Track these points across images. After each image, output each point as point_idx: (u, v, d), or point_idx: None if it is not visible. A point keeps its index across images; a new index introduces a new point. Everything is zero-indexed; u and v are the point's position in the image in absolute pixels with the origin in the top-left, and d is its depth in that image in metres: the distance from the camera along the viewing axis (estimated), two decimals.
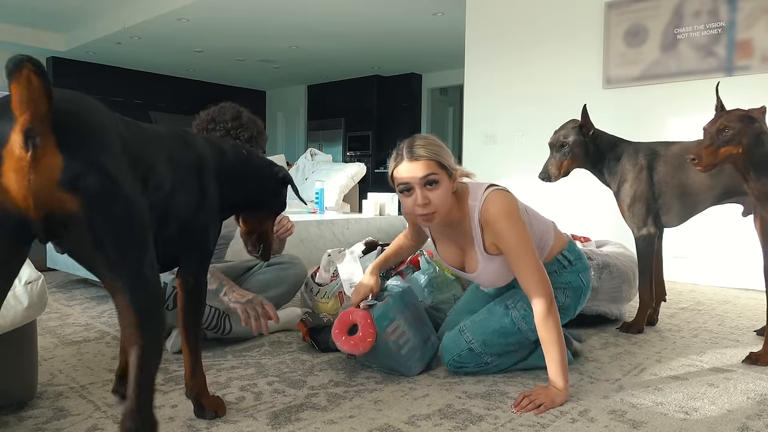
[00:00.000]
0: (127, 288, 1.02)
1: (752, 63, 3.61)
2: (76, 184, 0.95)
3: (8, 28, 8.53)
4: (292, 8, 6.80)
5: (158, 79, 10.90)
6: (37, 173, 0.92)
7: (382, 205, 4.22)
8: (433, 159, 1.61)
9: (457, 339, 1.83)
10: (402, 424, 1.46)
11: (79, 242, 0.99)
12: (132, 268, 1.03)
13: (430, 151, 1.61)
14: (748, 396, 1.70)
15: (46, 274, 3.44)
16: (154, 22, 7.51)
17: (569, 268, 1.87)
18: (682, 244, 3.83)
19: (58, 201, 0.94)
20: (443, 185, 1.62)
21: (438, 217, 1.64)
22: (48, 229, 0.97)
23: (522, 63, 4.72)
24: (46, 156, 0.92)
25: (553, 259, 1.85)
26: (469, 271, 1.82)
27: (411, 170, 1.60)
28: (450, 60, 9.18)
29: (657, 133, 3.88)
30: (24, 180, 0.92)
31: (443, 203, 1.63)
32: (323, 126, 11.93)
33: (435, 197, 1.61)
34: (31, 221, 0.95)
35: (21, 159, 0.91)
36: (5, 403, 1.50)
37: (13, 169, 0.91)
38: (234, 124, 2.13)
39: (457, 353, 1.82)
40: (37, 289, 1.44)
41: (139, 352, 1.05)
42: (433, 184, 1.61)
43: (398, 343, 1.79)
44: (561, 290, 1.84)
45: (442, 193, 1.62)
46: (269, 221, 1.64)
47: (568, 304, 1.87)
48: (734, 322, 2.65)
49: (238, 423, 1.45)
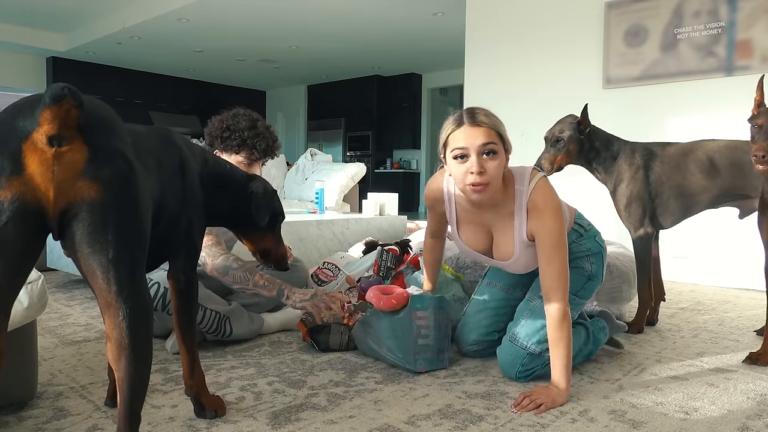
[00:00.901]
0: (122, 299, 1.02)
1: (752, 63, 3.61)
2: (98, 172, 0.98)
3: (8, 28, 8.53)
4: (292, 9, 6.80)
5: (158, 79, 10.91)
6: (62, 165, 0.96)
7: (382, 205, 4.22)
8: (494, 129, 1.57)
9: (512, 350, 1.79)
10: (402, 424, 1.46)
11: (84, 236, 0.99)
12: (126, 272, 1.02)
13: (493, 121, 1.58)
14: (748, 396, 1.70)
15: (46, 274, 3.45)
16: (154, 22, 7.51)
17: (585, 235, 1.88)
18: (682, 244, 3.83)
19: (78, 190, 0.97)
20: (500, 158, 1.58)
21: (490, 190, 1.59)
22: (62, 222, 0.99)
23: (522, 63, 4.72)
24: (72, 150, 0.96)
25: (570, 230, 1.85)
26: (498, 256, 1.79)
27: (471, 136, 1.55)
28: (450, 60, 9.19)
29: (657, 133, 3.89)
30: (48, 171, 0.95)
31: (497, 176, 1.58)
32: (323, 126, 11.93)
33: (491, 167, 1.56)
34: (48, 214, 0.97)
35: (45, 152, 0.95)
36: (5, 403, 1.50)
37: (38, 162, 0.95)
38: (250, 134, 2.08)
39: (520, 363, 1.77)
40: (37, 289, 1.44)
41: (126, 380, 1.04)
42: (491, 154, 1.56)
43: (419, 331, 1.82)
44: (585, 258, 1.86)
45: (499, 165, 1.57)
46: (267, 237, 1.64)
47: (595, 270, 1.87)
48: (734, 322, 2.65)
49: (238, 423, 1.45)
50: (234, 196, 1.54)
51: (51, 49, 9.11)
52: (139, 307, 1.04)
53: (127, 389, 1.05)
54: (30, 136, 0.94)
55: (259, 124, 2.12)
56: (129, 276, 1.03)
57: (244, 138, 2.08)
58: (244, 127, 2.08)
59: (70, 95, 0.92)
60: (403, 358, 1.85)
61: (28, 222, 0.96)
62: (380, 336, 1.90)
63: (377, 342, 1.91)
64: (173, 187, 1.31)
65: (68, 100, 0.92)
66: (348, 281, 2.50)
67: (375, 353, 1.95)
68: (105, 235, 1.00)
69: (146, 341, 1.07)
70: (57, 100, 0.92)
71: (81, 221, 0.99)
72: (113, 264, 1.01)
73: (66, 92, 0.92)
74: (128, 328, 1.03)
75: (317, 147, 11.42)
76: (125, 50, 9.05)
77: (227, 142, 2.09)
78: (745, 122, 3.56)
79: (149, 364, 1.09)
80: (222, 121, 2.12)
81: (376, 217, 4.02)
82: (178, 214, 1.33)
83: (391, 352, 1.87)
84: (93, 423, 1.43)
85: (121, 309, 1.02)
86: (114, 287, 1.02)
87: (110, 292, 1.02)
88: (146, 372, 1.08)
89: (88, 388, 1.66)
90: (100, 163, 0.99)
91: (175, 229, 1.33)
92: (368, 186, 9.52)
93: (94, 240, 1.00)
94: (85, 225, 0.99)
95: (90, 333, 2.27)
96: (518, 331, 1.81)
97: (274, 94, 12.88)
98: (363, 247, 2.77)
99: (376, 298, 1.87)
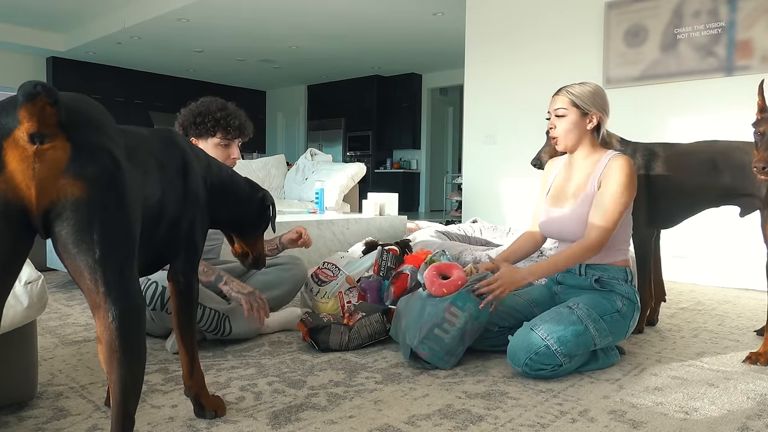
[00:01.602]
0: (110, 300, 1.00)
1: (752, 63, 3.61)
2: (82, 170, 0.96)
3: (8, 28, 8.53)
4: (292, 8, 6.79)
5: (158, 79, 10.90)
6: (43, 162, 0.93)
7: (382, 205, 4.22)
8: (568, 97, 1.97)
9: (530, 337, 1.79)
10: (402, 424, 1.46)
11: (69, 235, 0.97)
12: (114, 272, 1.00)
13: (572, 91, 1.97)
14: (748, 396, 1.70)
15: (46, 274, 3.44)
16: (154, 22, 7.51)
17: (628, 282, 1.99)
18: (682, 244, 3.83)
19: (62, 189, 0.95)
20: (569, 119, 1.97)
21: (560, 143, 2.01)
22: (46, 221, 0.97)
23: (522, 63, 4.72)
24: (54, 148, 0.94)
25: (621, 268, 1.98)
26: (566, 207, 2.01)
27: (552, 102, 2.02)
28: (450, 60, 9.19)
29: (657, 133, 3.89)
30: (29, 169, 0.93)
31: (565, 133, 1.99)
32: (323, 126, 11.93)
33: (559, 126, 1.99)
34: (32, 213, 0.95)
35: (26, 149, 0.93)
36: (5, 403, 1.50)
37: (18, 159, 0.93)
38: (222, 114, 2.15)
39: (534, 352, 1.76)
40: (37, 289, 1.44)
41: (118, 383, 1.03)
42: (560, 117, 1.98)
43: (442, 323, 1.84)
44: (620, 297, 1.95)
45: (565, 125, 1.98)
46: (260, 240, 1.67)
47: (624, 311, 1.93)
48: (734, 322, 2.65)
49: (238, 423, 1.45)
50: (238, 202, 1.56)
51: (51, 49, 9.11)
52: (129, 308, 1.02)
53: (119, 392, 1.03)
54: (12, 133, 0.92)
55: (228, 104, 2.20)
56: (117, 276, 1.01)
57: (217, 119, 2.14)
58: (215, 109, 2.15)
59: (43, 92, 0.90)
60: (410, 335, 1.86)
61: (10, 221, 0.95)
62: (410, 309, 1.94)
63: (404, 315, 1.95)
64: (175, 188, 1.30)
65: (42, 97, 0.90)
66: (348, 281, 2.50)
67: (394, 331, 2.02)
68: (90, 235, 0.97)
69: (138, 343, 1.05)
70: (30, 98, 0.90)
71: (65, 220, 0.96)
72: (100, 264, 0.98)
73: (39, 89, 0.89)
74: (118, 330, 1.01)
75: (317, 147, 11.42)
76: (125, 50, 9.05)
77: (201, 127, 2.14)
78: (745, 122, 3.56)
79: (142, 365, 1.06)
80: (191, 109, 2.19)
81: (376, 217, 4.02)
82: (179, 215, 1.32)
83: (405, 329, 1.90)
84: (93, 423, 1.43)
85: (110, 310, 1.00)
86: (102, 288, 0.99)
87: (98, 293, 0.99)
88: (139, 374, 1.06)
89: (88, 388, 1.66)
90: (84, 161, 0.97)
91: (175, 230, 1.33)
92: (368, 186, 9.52)
93: (79, 240, 0.97)
94: (70, 224, 0.96)
95: (90, 333, 2.27)
96: (541, 324, 1.82)
97: (274, 94, 12.88)
98: (363, 247, 2.76)
99: (430, 281, 1.91)
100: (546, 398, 1.65)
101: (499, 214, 4.85)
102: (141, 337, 1.06)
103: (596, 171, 1.97)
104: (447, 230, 3.36)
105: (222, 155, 2.17)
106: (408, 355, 1.89)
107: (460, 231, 3.42)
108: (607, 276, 1.96)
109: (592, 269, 1.98)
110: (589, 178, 1.98)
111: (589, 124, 1.98)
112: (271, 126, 12.88)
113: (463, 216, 5.09)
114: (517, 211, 4.75)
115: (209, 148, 2.16)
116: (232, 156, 2.21)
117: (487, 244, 3.36)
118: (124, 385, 1.03)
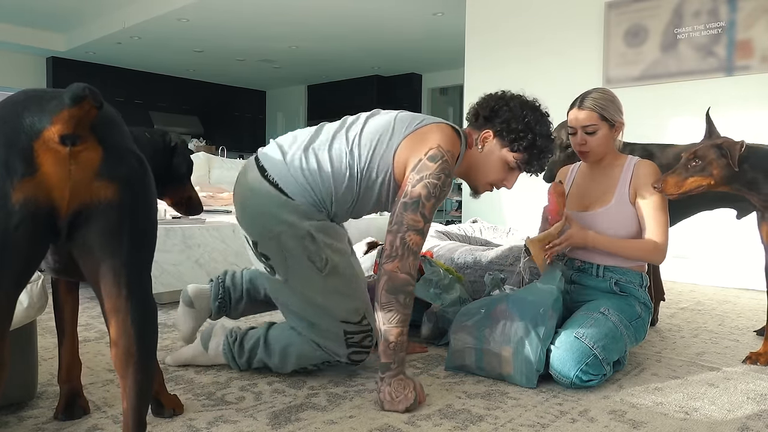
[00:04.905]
0: (131, 304, 0.99)
1: (752, 63, 3.61)
2: (113, 172, 0.96)
3: (8, 28, 8.53)
4: (292, 8, 6.79)
5: (158, 79, 10.90)
6: (78, 164, 0.93)
7: None
8: (596, 111, 1.94)
9: (579, 348, 1.70)
10: (402, 424, 1.46)
11: (97, 237, 0.96)
12: (137, 275, 1.00)
13: (596, 104, 1.95)
14: (748, 396, 1.70)
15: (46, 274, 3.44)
16: (154, 22, 7.51)
17: (643, 289, 1.99)
18: (682, 244, 3.83)
19: (95, 191, 0.94)
20: (600, 133, 1.96)
21: (592, 156, 2.00)
22: (72, 224, 0.95)
23: (522, 63, 4.72)
24: (87, 150, 0.94)
25: (638, 273, 1.99)
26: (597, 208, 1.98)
27: (576, 117, 1.98)
28: (450, 60, 9.18)
29: (657, 133, 3.88)
30: (65, 171, 0.92)
31: (597, 146, 1.97)
32: None
33: (591, 141, 1.97)
34: (59, 216, 0.94)
35: (59, 151, 0.91)
36: (5, 403, 1.50)
37: (53, 161, 0.91)
38: (543, 145, 1.78)
39: (584, 363, 1.68)
40: (37, 289, 1.44)
41: (134, 388, 1.01)
42: (591, 133, 1.96)
43: (480, 312, 1.84)
44: (639, 303, 1.95)
45: (597, 139, 1.96)
46: (188, 185, 1.58)
47: (644, 317, 1.94)
48: (734, 322, 2.65)
49: (238, 423, 1.45)
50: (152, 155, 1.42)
51: (51, 49, 9.11)
52: (148, 313, 1.02)
53: (136, 397, 1.02)
54: (41, 134, 0.90)
55: (554, 137, 1.89)
56: (138, 279, 1.00)
57: (536, 145, 1.79)
58: (541, 134, 1.81)
59: (91, 96, 0.89)
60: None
61: (38, 224, 0.92)
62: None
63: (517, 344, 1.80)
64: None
65: (89, 100, 0.89)
66: None
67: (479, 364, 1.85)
68: (119, 237, 0.97)
69: (154, 347, 1.05)
70: (78, 101, 0.89)
71: (95, 223, 0.95)
72: (126, 267, 0.98)
73: (87, 93, 0.89)
74: (137, 335, 1.00)
75: None
76: (125, 50, 9.05)
77: (512, 135, 1.79)
78: (745, 122, 3.56)
79: (156, 370, 1.07)
80: (521, 109, 1.89)
81: (376, 217, 4.02)
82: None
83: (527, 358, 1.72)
84: (93, 423, 1.43)
85: (131, 314, 0.99)
86: (124, 291, 0.99)
87: (120, 296, 0.98)
88: (153, 378, 1.06)
89: (88, 388, 1.66)
90: (115, 163, 0.96)
91: None
92: None
93: (107, 242, 0.96)
94: (100, 227, 0.95)
95: (90, 333, 2.26)
96: (584, 331, 1.73)
97: (274, 94, 12.88)
98: (364, 247, 2.76)
99: (555, 200, 1.88)
100: (546, 398, 1.65)
101: (499, 214, 4.85)
102: (156, 341, 1.07)
103: (624, 175, 1.98)
104: (447, 230, 3.36)
105: (497, 172, 1.77)
106: (535, 382, 1.72)
107: (460, 231, 3.42)
108: (625, 280, 1.96)
109: (611, 272, 1.96)
110: (617, 182, 1.98)
111: (617, 134, 2.01)
112: (271, 126, 12.87)
113: (463, 216, 5.09)
114: (517, 211, 4.75)
115: (494, 151, 1.76)
116: (505, 182, 1.80)
117: (487, 244, 3.36)
118: (140, 389, 1.02)
